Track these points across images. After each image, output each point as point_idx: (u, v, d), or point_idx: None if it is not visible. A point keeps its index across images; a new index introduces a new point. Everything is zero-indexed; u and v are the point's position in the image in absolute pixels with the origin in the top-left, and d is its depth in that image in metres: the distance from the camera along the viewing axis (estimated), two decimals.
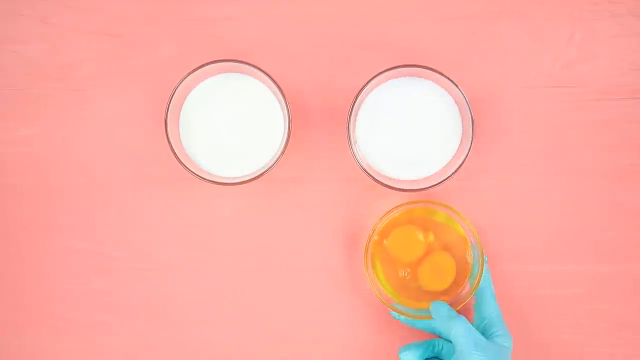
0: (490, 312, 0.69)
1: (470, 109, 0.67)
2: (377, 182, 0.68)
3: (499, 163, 0.74)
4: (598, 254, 0.73)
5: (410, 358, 0.69)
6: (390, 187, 0.68)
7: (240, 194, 0.74)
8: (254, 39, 0.74)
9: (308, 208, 0.74)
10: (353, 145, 0.69)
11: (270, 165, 0.68)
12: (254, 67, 0.67)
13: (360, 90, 0.68)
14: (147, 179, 0.74)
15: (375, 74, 0.68)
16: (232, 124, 0.70)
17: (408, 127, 0.69)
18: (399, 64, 0.68)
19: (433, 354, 0.70)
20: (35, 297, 0.74)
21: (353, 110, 0.68)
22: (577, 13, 0.74)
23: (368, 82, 0.68)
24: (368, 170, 0.68)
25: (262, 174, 0.68)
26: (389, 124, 0.69)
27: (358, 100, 0.68)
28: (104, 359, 0.74)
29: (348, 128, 0.68)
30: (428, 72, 0.68)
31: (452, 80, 0.67)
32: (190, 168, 0.68)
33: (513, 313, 0.73)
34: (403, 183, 0.70)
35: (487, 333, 0.68)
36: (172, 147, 0.67)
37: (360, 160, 0.69)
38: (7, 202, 0.74)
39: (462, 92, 0.67)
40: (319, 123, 0.74)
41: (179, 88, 0.67)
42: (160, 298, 0.73)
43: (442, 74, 0.67)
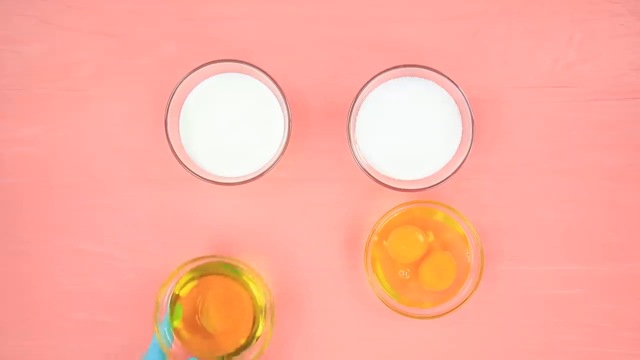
0: None
1: (471, 109, 0.67)
2: (377, 182, 0.68)
3: (499, 163, 0.74)
4: (598, 254, 0.73)
5: None
6: (390, 187, 0.68)
7: (240, 194, 0.74)
8: (254, 39, 0.74)
9: (308, 208, 0.74)
10: (353, 145, 0.69)
11: (270, 165, 0.68)
12: (254, 67, 0.67)
13: (361, 90, 0.68)
14: (147, 179, 0.74)
15: (375, 74, 0.68)
16: (232, 124, 0.70)
17: (408, 127, 0.69)
18: (399, 64, 0.68)
19: None
20: (35, 297, 0.74)
21: (353, 110, 0.68)
22: (577, 13, 0.74)
23: (368, 82, 0.68)
24: (368, 170, 0.68)
25: (262, 174, 0.68)
26: (389, 124, 0.69)
27: (358, 100, 0.68)
28: (104, 359, 0.74)
29: (348, 128, 0.68)
30: (428, 72, 0.68)
31: (452, 80, 0.67)
32: (191, 168, 0.68)
33: (513, 313, 0.73)
34: (403, 183, 0.70)
35: None
36: (172, 147, 0.67)
37: (361, 161, 0.69)
38: (7, 202, 0.74)
39: (462, 92, 0.67)
40: (319, 123, 0.74)
41: (179, 88, 0.67)
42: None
43: (442, 74, 0.67)
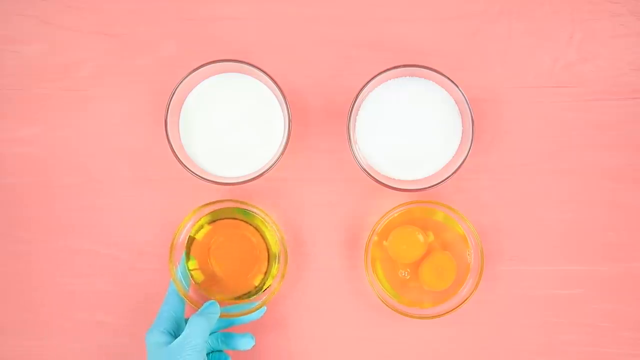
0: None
1: (471, 109, 0.67)
2: (377, 182, 0.68)
3: (499, 163, 0.74)
4: (598, 254, 0.74)
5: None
6: (390, 187, 0.68)
7: (240, 194, 0.74)
8: (254, 39, 0.74)
9: (308, 208, 0.74)
10: (353, 146, 0.69)
11: (271, 165, 0.68)
12: (254, 67, 0.67)
13: (361, 90, 0.68)
14: (147, 179, 0.74)
15: (376, 74, 0.68)
16: (232, 124, 0.70)
17: (408, 127, 0.69)
18: (399, 64, 0.68)
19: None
20: (35, 297, 0.74)
21: (353, 110, 0.68)
22: (577, 13, 0.74)
23: (368, 81, 0.68)
24: (368, 170, 0.68)
25: (262, 174, 0.68)
26: (389, 124, 0.69)
27: (358, 100, 0.68)
28: (104, 359, 0.74)
29: (348, 128, 0.68)
30: (428, 72, 0.68)
31: (452, 80, 0.67)
32: (191, 168, 0.68)
33: (513, 313, 0.73)
34: (403, 183, 0.70)
35: None
36: (172, 147, 0.67)
37: (361, 161, 0.69)
38: (7, 202, 0.74)
39: (462, 92, 0.67)
40: (319, 123, 0.74)
41: (179, 88, 0.67)
42: (160, 298, 0.73)
43: (442, 74, 0.67)
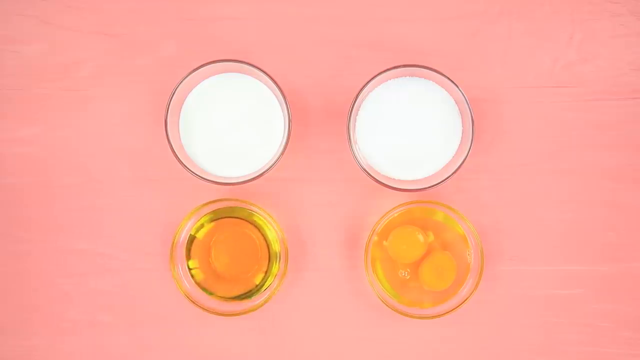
0: None
1: (471, 109, 0.67)
2: (377, 182, 0.68)
3: (499, 163, 0.74)
4: (598, 254, 0.73)
5: None
6: (390, 187, 0.68)
7: (240, 194, 0.73)
8: (254, 39, 0.74)
9: (308, 208, 0.74)
10: (353, 145, 0.69)
11: (271, 165, 0.68)
12: (254, 67, 0.67)
13: (361, 90, 0.68)
14: (147, 179, 0.74)
15: (376, 74, 0.68)
16: (232, 124, 0.70)
17: (408, 127, 0.69)
18: (399, 64, 0.68)
19: None
20: (35, 297, 0.74)
21: (353, 110, 0.68)
22: (577, 13, 0.74)
23: (368, 81, 0.68)
24: (368, 170, 0.68)
25: (262, 174, 0.68)
26: (389, 124, 0.69)
27: (358, 100, 0.68)
28: (104, 359, 0.74)
29: (348, 128, 0.68)
30: (428, 72, 0.68)
31: (452, 80, 0.67)
32: (191, 168, 0.68)
33: (513, 313, 0.73)
34: (403, 183, 0.70)
35: None
36: (172, 147, 0.67)
37: (361, 160, 0.69)
38: (7, 202, 0.74)
39: (462, 92, 0.67)
40: (319, 123, 0.74)
41: (179, 88, 0.67)
42: (160, 298, 0.73)
43: (442, 74, 0.67)
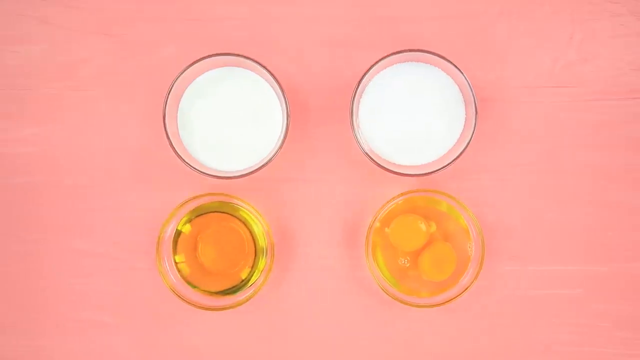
0: None
1: (474, 95, 0.67)
2: (379, 166, 0.68)
3: (499, 163, 0.74)
4: (598, 254, 0.74)
5: None
6: (393, 172, 0.68)
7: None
8: (255, 39, 0.74)
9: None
10: (356, 130, 0.69)
11: (271, 157, 0.68)
12: (251, 59, 0.67)
13: (364, 75, 0.68)
14: (147, 179, 0.74)
15: (379, 59, 0.67)
16: (231, 118, 0.70)
17: (411, 112, 0.70)
18: (402, 49, 0.68)
19: None
20: (35, 297, 0.74)
21: (356, 95, 0.68)
22: (577, 13, 0.74)
23: (371, 66, 0.67)
24: (370, 155, 0.68)
25: (263, 166, 0.68)
26: (392, 109, 0.70)
27: (361, 85, 0.68)
28: (104, 358, 0.74)
29: (351, 112, 0.68)
30: (431, 56, 0.68)
31: (455, 65, 0.67)
32: (190, 163, 0.68)
33: (513, 313, 0.73)
34: (405, 168, 0.70)
35: None
36: (170, 142, 0.67)
37: (363, 145, 0.69)
38: (7, 202, 0.74)
39: (465, 77, 0.67)
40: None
41: (177, 82, 0.68)
42: (160, 298, 0.73)
43: (445, 59, 0.67)
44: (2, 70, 0.74)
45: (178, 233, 0.72)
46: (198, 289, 0.72)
